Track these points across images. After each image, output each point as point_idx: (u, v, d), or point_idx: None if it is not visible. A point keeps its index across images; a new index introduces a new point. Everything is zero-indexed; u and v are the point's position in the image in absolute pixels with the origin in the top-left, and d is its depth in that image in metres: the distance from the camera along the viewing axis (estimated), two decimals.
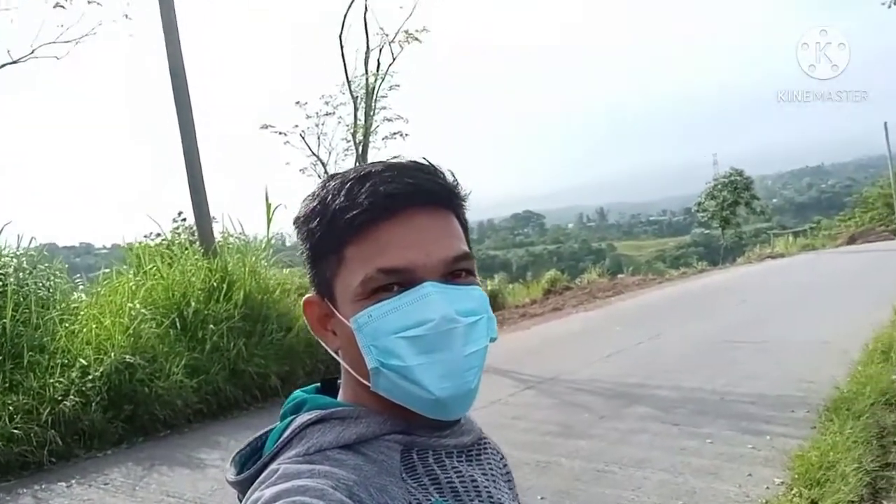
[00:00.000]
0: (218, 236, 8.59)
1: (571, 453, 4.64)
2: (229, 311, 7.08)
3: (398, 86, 10.53)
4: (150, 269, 7.55)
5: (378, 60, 10.42)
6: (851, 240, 26.28)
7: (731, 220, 28.29)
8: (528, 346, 8.94)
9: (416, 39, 10.10)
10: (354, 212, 0.70)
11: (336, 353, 0.77)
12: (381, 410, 0.73)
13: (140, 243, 8.96)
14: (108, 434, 5.64)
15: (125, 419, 5.77)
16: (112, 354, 5.93)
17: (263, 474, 0.67)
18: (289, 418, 0.75)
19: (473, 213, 0.79)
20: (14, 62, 8.81)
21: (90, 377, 5.73)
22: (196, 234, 8.60)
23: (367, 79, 10.36)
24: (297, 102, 10.46)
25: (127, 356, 5.94)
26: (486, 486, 0.75)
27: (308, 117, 10.45)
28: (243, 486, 0.71)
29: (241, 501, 0.69)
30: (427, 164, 0.75)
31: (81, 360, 5.87)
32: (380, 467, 0.69)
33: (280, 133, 10.35)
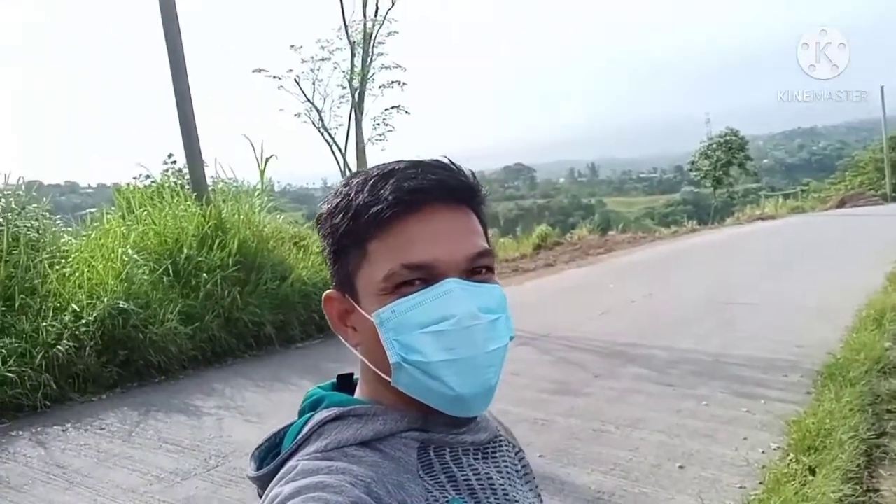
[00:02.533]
0: (209, 181, 8.42)
1: (568, 411, 4.68)
2: (223, 259, 7.01)
3: (396, 32, 10.23)
4: (142, 213, 7.42)
5: (377, 5, 10.11)
6: (841, 203, 26.33)
7: (724, 180, 28.33)
8: (522, 301, 8.91)
9: None
10: (379, 206, 0.70)
11: (355, 348, 0.77)
12: (399, 407, 0.74)
13: (129, 185, 8.77)
14: (103, 378, 5.63)
15: (119, 364, 5.75)
16: (105, 299, 5.87)
17: (282, 471, 0.69)
18: (307, 415, 0.75)
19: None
20: None
21: (83, 321, 5.67)
22: (187, 178, 8.43)
23: (364, 23, 10.05)
24: (292, 46, 10.15)
25: (120, 301, 5.87)
26: (501, 484, 0.76)
27: (303, 62, 10.17)
28: (263, 482, 0.72)
29: (260, 497, 0.70)
30: (449, 162, 0.77)
31: (74, 304, 5.80)
32: (397, 464, 0.70)
33: (274, 77, 10.07)
